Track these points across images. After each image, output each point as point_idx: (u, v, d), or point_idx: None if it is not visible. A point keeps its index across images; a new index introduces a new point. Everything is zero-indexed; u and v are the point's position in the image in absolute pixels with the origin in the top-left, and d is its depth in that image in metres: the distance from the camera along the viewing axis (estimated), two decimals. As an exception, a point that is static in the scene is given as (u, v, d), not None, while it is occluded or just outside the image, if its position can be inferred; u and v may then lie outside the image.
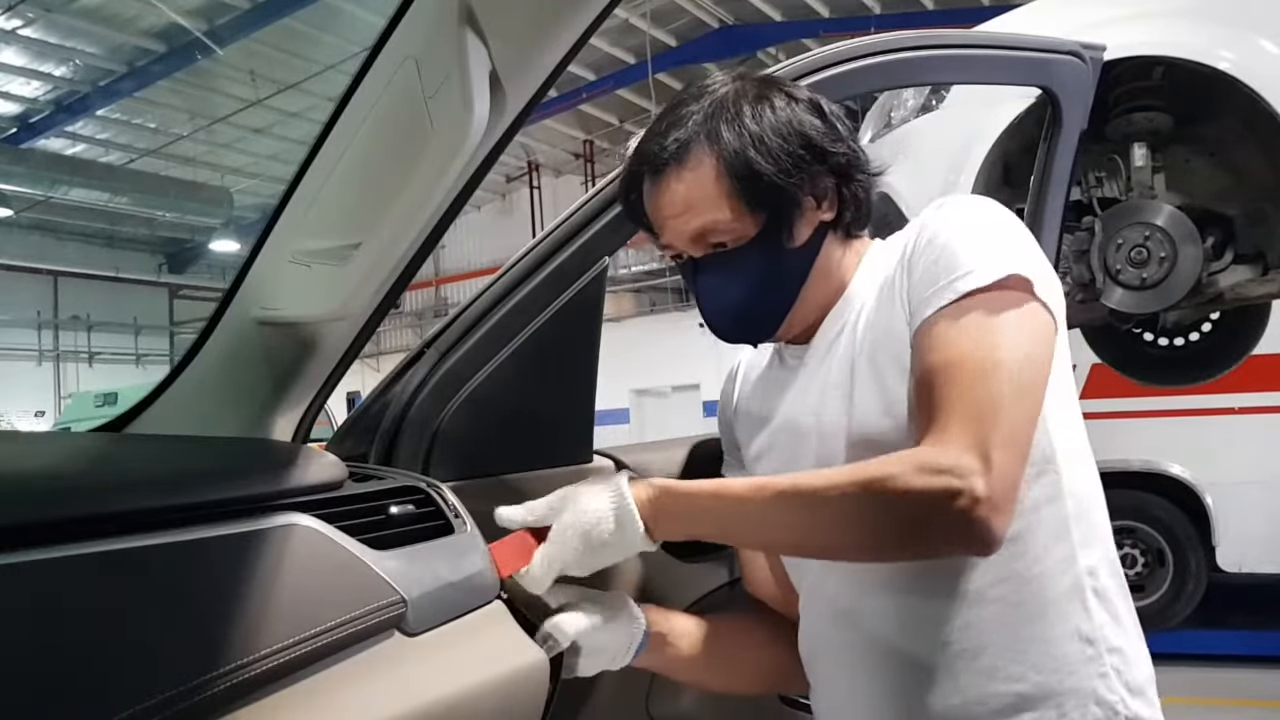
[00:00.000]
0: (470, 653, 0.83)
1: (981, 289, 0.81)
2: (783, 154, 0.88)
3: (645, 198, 0.95)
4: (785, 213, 0.91)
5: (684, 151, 0.90)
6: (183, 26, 9.66)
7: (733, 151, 0.88)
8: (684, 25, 11.11)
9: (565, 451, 1.23)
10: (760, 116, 0.90)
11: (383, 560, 0.78)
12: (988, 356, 0.78)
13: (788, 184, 0.89)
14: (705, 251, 0.93)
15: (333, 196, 0.88)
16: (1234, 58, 1.95)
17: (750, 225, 0.90)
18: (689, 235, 0.92)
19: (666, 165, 0.90)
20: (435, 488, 0.95)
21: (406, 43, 0.78)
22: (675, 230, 0.92)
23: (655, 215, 0.94)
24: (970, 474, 0.73)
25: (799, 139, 0.90)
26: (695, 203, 0.90)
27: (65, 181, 12.18)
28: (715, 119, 0.90)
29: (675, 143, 0.90)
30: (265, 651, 0.66)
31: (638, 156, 0.94)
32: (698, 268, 0.94)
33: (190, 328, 17.73)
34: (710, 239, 0.91)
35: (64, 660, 0.57)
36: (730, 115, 0.90)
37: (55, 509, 0.63)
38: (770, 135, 0.89)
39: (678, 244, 0.94)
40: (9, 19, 9.59)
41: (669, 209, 0.92)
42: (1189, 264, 2.08)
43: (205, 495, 0.72)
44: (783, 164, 0.88)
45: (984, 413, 0.76)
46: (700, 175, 0.89)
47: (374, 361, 15.47)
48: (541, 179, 16.36)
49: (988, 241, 0.84)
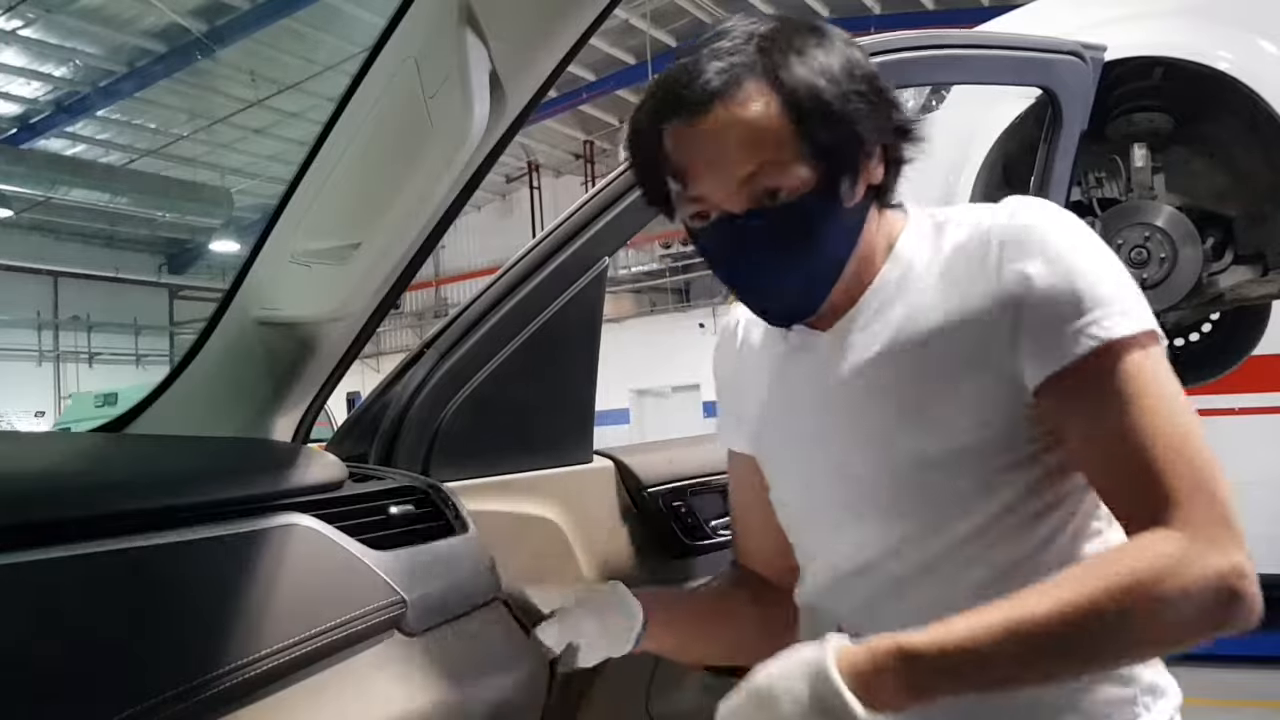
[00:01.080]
0: (470, 653, 0.83)
1: (1144, 332, 0.74)
2: (853, 93, 0.77)
3: (672, 147, 0.79)
4: (849, 161, 0.79)
5: (734, 84, 0.76)
6: (183, 27, 9.67)
7: (800, 81, 0.76)
8: (684, 25, 11.11)
9: (565, 452, 1.23)
10: (827, 47, 0.79)
11: (383, 560, 0.78)
12: (1184, 417, 0.73)
13: (858, 127, 0.78)
14: (750, 206, 0.78)
15: (333, 197, 0.88)
16: (1234, 58, 1.95)
17: (810, 173, 0.77)
18: (738, 180, 0.77)
19: (711, 101, 0.76)
20: (435, 488, 0.95)
21: (406, 43, 0.78)
22: (720, 177, 0.77)
23: (691, 161, 0.78)
24: (1236, 554, 0.68)
25: (865, 80, 0.79)
26: (751, 141, 0.76)
27: (65, 182, 12.19)
28: (771, 50, 0.77)
29: (722, 75, 0.76)
30: (265, 651, 0.66)
31: (664, 101, 0.79)
32: (737, 226, 0.79)
33: (190, 328, 17.72)
34: (763, 185, 0.77)
35: (64, 660, 0.57)
36: (787, 45, 0.77)
37: (55, 509, 0.63)
38: (839, 69, 0.77)
39: (717, 196, 0.78)
40: (9, 19, 9.59)
41: (713, 151, 0.77)
42: (1189, 265, 2.08)
43: (205, 495, 0.72)
44: (854, 102, 0.77)
45: (1215, 485, 0.71)
46: (758, 108, 0.76)
47: (374, 361, 15.47)
48: (541, 179, 16.36)
49: (1112, 272, 0.77)
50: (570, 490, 1.20)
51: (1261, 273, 2.15)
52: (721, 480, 1.39)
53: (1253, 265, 2.16)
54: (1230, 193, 2.17)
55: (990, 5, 8.05)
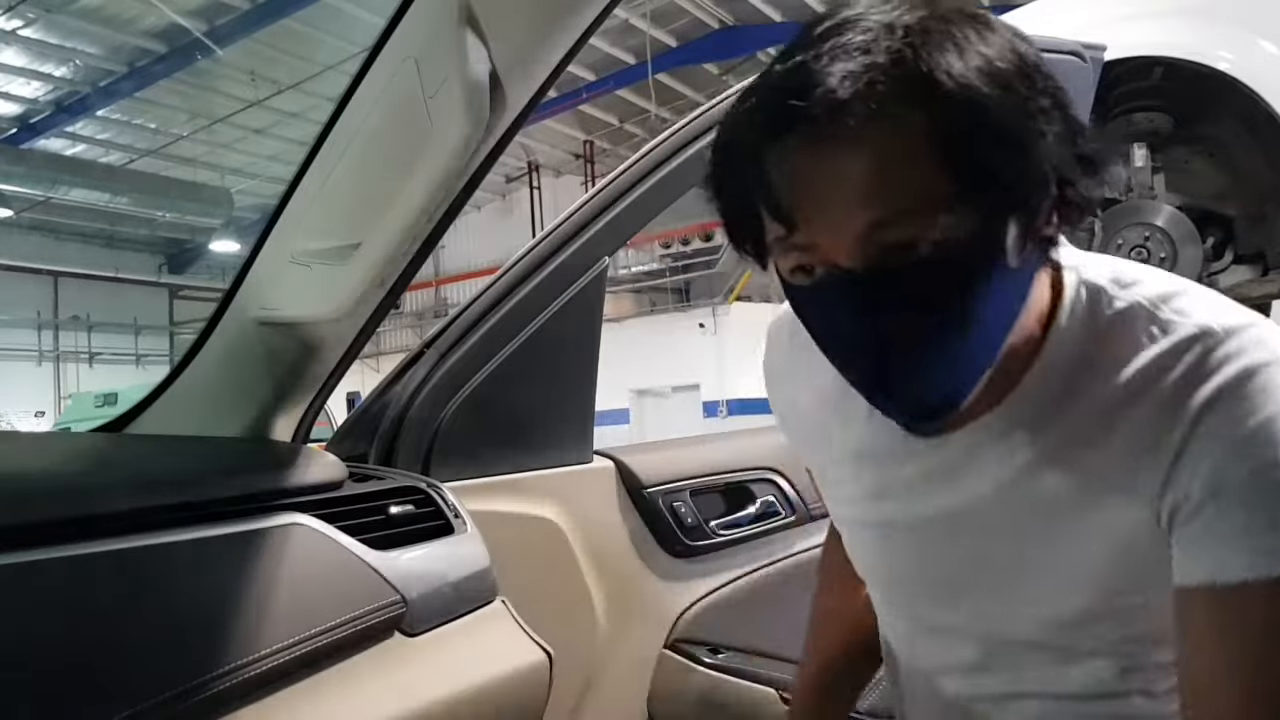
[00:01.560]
0: (470, 653, 0.83)
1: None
2: (1036, 108, 0.55)
3: (776, 177, 0.57)
4: (1023, 203, 0.56)
5: (869, 95, 0.53)
6: (183, 27, 9.66)
7: (962, 91, 0.53)
8: (684, 25, 11.11)
9: (565, 451, 1.23)
10: (996, 44, 0.56)
11: (383, 560, 0.78)
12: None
13: (1040, 155, 0.55)
14: (875, 261, 0.56)
15: (333, 197, 0.88)
16: (1234, 58, 1.95)
17: (967, 219, 0.55)
18: (864, 226, 0.55)
19: (836, 117, 0.53)
20: (435, 488, 0.95)
21: (406, 43, 0.78)
22: (839, 220, 0.56)
23: (800, 198, 0.57)
24: None
25: (1049, 91, 0.57)
26: (888, 175, 0.54)
27: (65, 181, 12.19)
28: (921, 47, 0.54)
29: (853, 81, 0.54)
30: (266, 651, 0.66)
31: (771, 114, 0.57)
32: (856, 288, 0.57)
33: (190, 328, 17.72)
34: (899, 235, 0.55)
35: (65, 660, 0.57)
36: (943, 39, 0.55)
37: (55, 509, 0.63)
38: (1015, 72, 0.55)
39: (830, 245, 0.57)
40: (9, 19, 9.59)
41: (832, 185, 0.55)
42: (1189, 264, 2.08)
43: (205, 495, 0.72)
44: (1037, 120, 0.55)
45: None
46: (903, 130, 0.54)
47: (374, 361, 15.46)
48: (541, 179, 16.35)
49: None
50: (570, 490, 1.20)
51: (1262, 272, 2.15)
52: (721, 480, 1.39)
53: (1253, 265, 2.17)
54: (1230, 192, 2.17)
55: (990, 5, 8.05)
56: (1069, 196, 0.59)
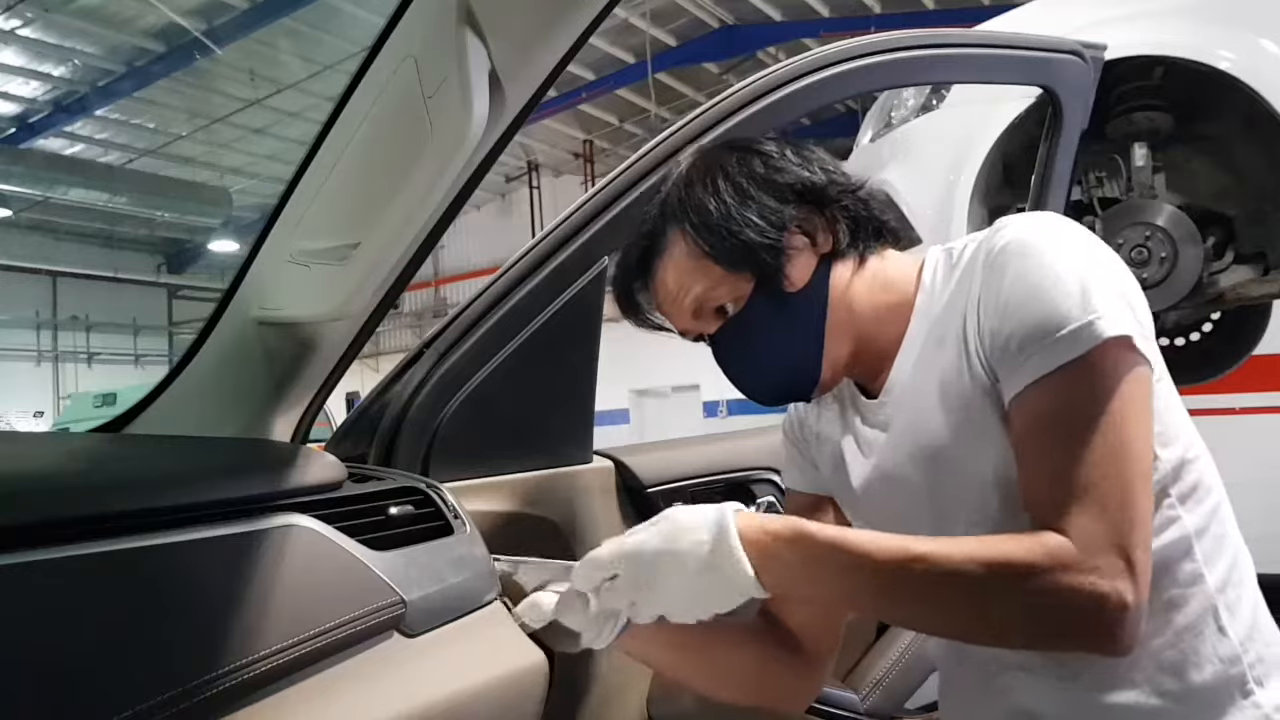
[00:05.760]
0: (470, 653, 0.83)
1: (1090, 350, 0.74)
2: (739, 210, 0.88)
3: (645, 304, 0.97)
4: (770, 261, 0.88)
5: (657, 239, 0.92)
6: (182, 26, 9.65)
7: (694, 220, 0.89)
8: (684, 25, 11.09)
9: (565, 452, 1.23)
10: (709, 182, 0.90)
11: (382, 561, 0.78)
12: (1115, 439, 0.73)
13: (757, 236, 0.88)
14: (716, 325, 0.93)
15: (332, 196, 0.88)
16: (1234, 58, 1.95)
17: (742, 283, 0.89)
18: (690, 312, 0.92)
19: (649, 260, 0.93)
20: (435, 488, 0.95)
21: (406, 43, 0.78)
22: (679, 313, 0.94)
23: (660, 309, 0.96)
24: (1117, 578, 0.70)
25: (755, 186, 0.89)
26: (682, 280, 0.91)
27: (64, 181, 12.17)
28: (671, 199, 0.92)
29: (646, 237, 0.93)
30: (265, 652, 0.66)
31: (621, 274, 0.97)
32: (716, 342, 0.94)
33: (189, 328, 17.73)
34: (711, 307, 0.92)
35: (64, 661, 0.57)
36: (684, 189, 0.91)
37: (55, 509, 0.62)
38: (727, 195, 0.89)
39: (687, 326, 0.95)
40: (9, 19, 9.58)
41: (664, 296, 0.94)
42: (1190, 264, 2.08)
43: (204, 495, 0.72)
44: (743, 218, 0.88)
45: (1121, 507, 0.72)
46: (676, 253, 0.91)
47: (374, 361, 15.46)
48: (541, 179, 16.34)
49: (1083, 285, 0.76)
50: (570, 490, 1.20)
51: (1262, 272, 2.15)
52: (722, 480, 1.39)
53: (1253, 264, 2.16)
54: (1231, 192, 2.17)
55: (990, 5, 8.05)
56: (837, 214, 0.91)
